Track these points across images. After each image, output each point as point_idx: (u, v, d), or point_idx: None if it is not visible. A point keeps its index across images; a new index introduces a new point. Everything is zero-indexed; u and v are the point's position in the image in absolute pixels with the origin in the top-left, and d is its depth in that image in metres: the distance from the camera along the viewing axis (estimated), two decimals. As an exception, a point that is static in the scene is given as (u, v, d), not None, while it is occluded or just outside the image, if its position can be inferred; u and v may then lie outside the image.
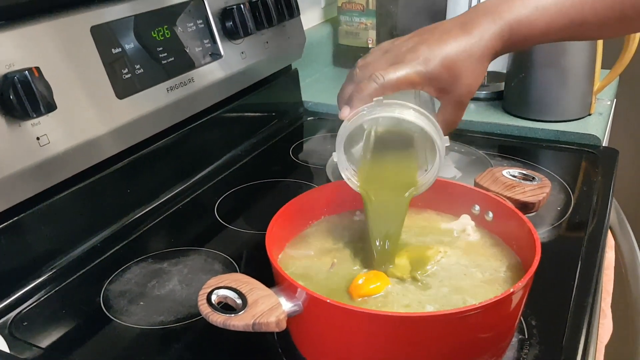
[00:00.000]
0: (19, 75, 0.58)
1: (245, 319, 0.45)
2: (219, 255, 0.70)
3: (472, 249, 0.59)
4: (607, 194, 0.82)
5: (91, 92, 0.68)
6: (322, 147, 1.01)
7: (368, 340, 0.47)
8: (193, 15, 0.84)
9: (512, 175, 0.64)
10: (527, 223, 0.55)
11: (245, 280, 0.49)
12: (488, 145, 0.97)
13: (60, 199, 0.68)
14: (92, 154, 0.70)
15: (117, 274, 0.67)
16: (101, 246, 0.72)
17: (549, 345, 0.55)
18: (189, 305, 0.61)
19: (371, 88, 0.54)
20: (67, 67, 0.66)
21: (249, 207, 0.83)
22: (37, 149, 0.62)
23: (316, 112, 1.15)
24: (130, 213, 0.78)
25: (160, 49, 0.78)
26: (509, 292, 0.46)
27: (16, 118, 0.59)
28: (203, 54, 0.85)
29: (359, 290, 0.52)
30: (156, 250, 0.71)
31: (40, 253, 0.67)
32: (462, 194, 0.63)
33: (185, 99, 0.82)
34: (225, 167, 0.93)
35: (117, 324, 0.59)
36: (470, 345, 0.48)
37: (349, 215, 0.65)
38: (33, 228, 0.65)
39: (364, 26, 1.31)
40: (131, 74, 0.73)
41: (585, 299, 0.61)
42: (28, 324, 0.60)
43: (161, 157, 0.82)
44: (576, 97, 1.01)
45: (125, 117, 0.72)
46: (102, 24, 0.70)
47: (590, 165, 0.91)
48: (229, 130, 0.97)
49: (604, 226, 0.74)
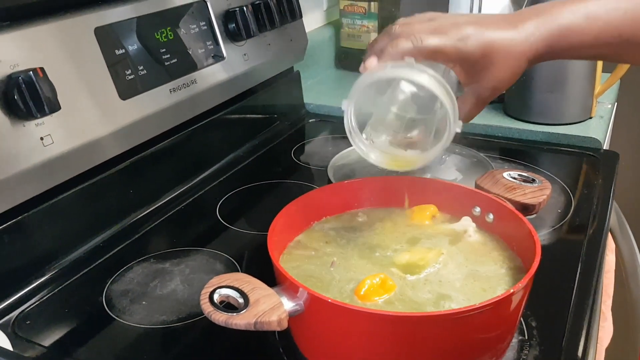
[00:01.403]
0: (23, 75, 0.59)
1: (247, 317, 0.46)
2: (221, 256, 0.70)
3: (473, 250, 0.59)
4: (608, 197, 0.82)
5: (94, 93, 0.68)
6: (323, 149, 1.01)
7: (369, 340, 0.47)
8: (196, 17, 0.85)
9: (512, 178, 0.64)
10: (527, 225, 0.55)
11: (247, 279, 0.50)
12: (489, 147, 0.97)
13: (64, 199, 0.68)
14: (96, 155, 0.71)
15: (119, 274, 0.67)
16: (104, 246, 0.73)
17: (549, 346, 0.55)
18: (191, 304, 0.62)
19: (406, 46, 0.53)
20: (71, 68, 0.66)
21: (251, 208, 0.84)
22: (41, 149, 0.62)
23: (318, 114, 1.16)
24: (133, 213, 0.78)
25: (163, 50, 0.78)
26: (509, 293, 0.47)
27: (20, 118, 0.60)
28: (206, 55, 0.86)
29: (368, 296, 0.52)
30: (158, 251, 0.72)
31: (43, 252, 0.67)
32: (463, 195, 0.63)
33: (188, 100, 0.82)
34: (228, 168, 0.93)
35: (120, 323, 0.60)
36: (470, 345, 0.49)
37: (350, 215, 0.66)
38: (36, 227, 0.66)
39: (365, 29, 1.32)
40: (134, 75, 0.74)
41: (585, 300, 0.61)
42: (31, 323, 0.60)
43: (164, 158, 0.83)
44: (577, 100, 1.01)
45: (128, 118, 0.73)
46: (105, 26, 0.71)
47: (591, 168, 0.92)
48: (231, 132, 0.97)
49: (604, 229, 0.75)
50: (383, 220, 0.64)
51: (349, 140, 0.57)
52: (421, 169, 0.82)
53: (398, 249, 0.59)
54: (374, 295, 0.51)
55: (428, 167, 0.83)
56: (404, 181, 0.67)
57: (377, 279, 0.52)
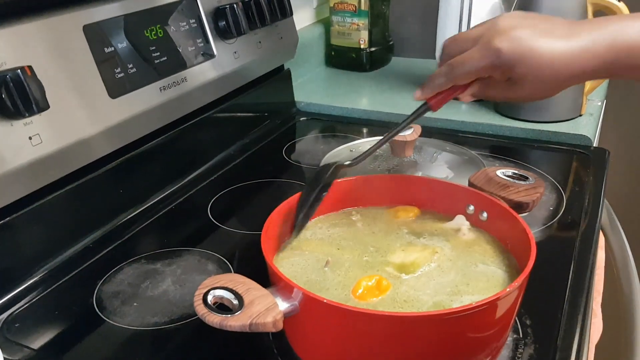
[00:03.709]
0: (11, 74, 0.58)
1: (242, 319, 0.45)
2: (213, 256, 0.70)
3: (467, 249, 0.59)
4: (599, 194, 0.82)
5: (84, 92, 0.67)
6: (314, 147, 1.01)
7: (364, 340, 0.47)
8: (186, 14, 0.84)
9: (506, 175, 0.64)
10: (522, 223, 0.55)
11: (242, 280, 0.49)
12: (480, 145, 0.97)
13: (53, 199, 0.67)
14: (85, 154, 0.70)
15: (110, 275, 0.66)
16: (94, 247, 0.72)
17: (544, 344, 0.55)
18: (183, 305, 0.61)
19: (441, 82, 0.56)
20: (60, 66, 0.65)
21: (242, 207, 0.83)
22: (29, 148, 0.61)
23: (309, 112, 1.15)
24: (123, 213, 0.77)
25: (153, 48, 0.77)
26: (504, 292, 0.46)
27: (8, 117, 0.59)
28: (196, 53, 0.85)
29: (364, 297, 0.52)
30: (149, 251, 0.71)
31: (32, 254, 0.66)
32: (457, 193, 0.63)
33: (178, 98, 0.81)
34: (218, 167, 0.92)
35: (111, 325, 0.59)
36: (465, 345, 0.48)
37: (343, 214, 0.65)
38: (25, 229, 0.65)
39: (356, 27, 1.31)
40: (124, 74, 0.73)
41: (579, 298, 0.61)
42: (20, 326, 0.60)
43: (154, 157, 0.82)
44: (567, 98, 1.01)
45: (118, 117, 0.72)
46: (94, 23, 0.70)
47: (582, 165, 0.92)
48: (221, 130, 0.96)
49: (595, 226, 0.75)
50: (377, 219, 0.64)
51: None
52: (413, 167, 0.82)
53: (393, 248, 0.59)
54: (370, 297, 0.51)
55: (419, 165, 0.83)
56: (396, 179, 0.67)
57: (372, 280, 0.52)
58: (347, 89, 1.25)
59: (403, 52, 1.42)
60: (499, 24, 0.53)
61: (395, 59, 1.42)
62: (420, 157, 0.85)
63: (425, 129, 0.84)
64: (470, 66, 0.54)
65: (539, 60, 0.52)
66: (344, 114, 1.13)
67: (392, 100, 1.16)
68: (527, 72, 0.52)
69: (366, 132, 1.07)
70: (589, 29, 0.52)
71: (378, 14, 1.33)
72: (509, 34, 0.52)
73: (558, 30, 0.52)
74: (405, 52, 1.42)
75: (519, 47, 0.52)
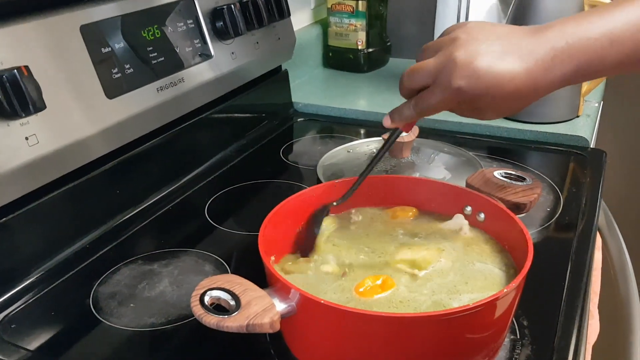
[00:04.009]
0: (7, 74, 0.57)
1: (239, 320, 0.45)
2: (210, 257, 0.69)
3: (468, 248, 0.59)
4: (596, 195, 0.82)
5: (81, 92, 0.67)
6: (312, 148, 1.01)
7: (362, 341, 0.47)
8: (183, 15, 0.84)
9: (503, 176, 0.64)
10: (519, 224, 0.55)
11: (239, 281, 0.49)
12: (477, 146, 0.97)
13: (49, 200, 0.67)
14: (82, 155, 0.69)
15: (106, 276, 0.66)
16: (90, 247, 0.72)
17: (541, 345, 0.55)
18: (180, 306, 0.61)
19: (407, 115, 0.57)
20: (57, 66, 0.65)
21: (240, 208, 0.83)
22: (26, 149, 0.61)
23: (306, 113, 1.15)
24: (120, 214, 0.77)
25: (150, 48, 0.77)
26: (502, 293, 0.46)
27: (4, 117, 0.59)
28: (193, 54, 0.85)
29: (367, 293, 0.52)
30: (146, 252, 0.71)
31: (28, 254, 0.66)
32: (455, 194, 0.63)
33: (175, 99, 0.81)
34: (216, 168, 0.92)
35: (107, 326, 0.59)
36: (463, 345, 0.48)
37: (344, 215, 0.65)
38: (21, 229, 0.65)
39: (353, 27, 1.31)
40: (121, 74, 0.73)
41: (576, 299, 0.61)
42: (16, 327, 0.59)
43: (151, 158, 0.82)
44: (564, 99, 1.02)
45: (115, 117, 0.72)
46: (91, 23, 0.70)
47: (579, 166, 0.92)
48: (219, 131, 0.96)
49: (593, 227, 0.75)
50: (377, 220, 0.64)
51: None
52: (410, 168, 0.82)
53: (397, 248, 0.59)
54: (374, 293, 0.51)
55: (417, 166, 0.83)
56: (394, 180, 0.67)
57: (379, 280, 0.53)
58: (344, 90, 1.25)
59: (400, 53, 1.43)
60: (456, 57, 0.51)
61: (393, 60, 1.42)
62: (418, 158, 0.85)
63: (422, 130, 0.84)
64: (434, 104, 0.54)
65: (502, 90, 0.51)
66: (341, 114, 1.13)
67: (389, 101, 1.16)
68: (492, 101, 0.52)
69: (363, 133, 1.07)
70: (545, 40, 0.50)
71: (375, 15, 1.33)
72: (469, 68, 0.51)
73: (517, 47, 0.51)
74: (403, 53, 1.42)
75: (480, 82, 0.51)
